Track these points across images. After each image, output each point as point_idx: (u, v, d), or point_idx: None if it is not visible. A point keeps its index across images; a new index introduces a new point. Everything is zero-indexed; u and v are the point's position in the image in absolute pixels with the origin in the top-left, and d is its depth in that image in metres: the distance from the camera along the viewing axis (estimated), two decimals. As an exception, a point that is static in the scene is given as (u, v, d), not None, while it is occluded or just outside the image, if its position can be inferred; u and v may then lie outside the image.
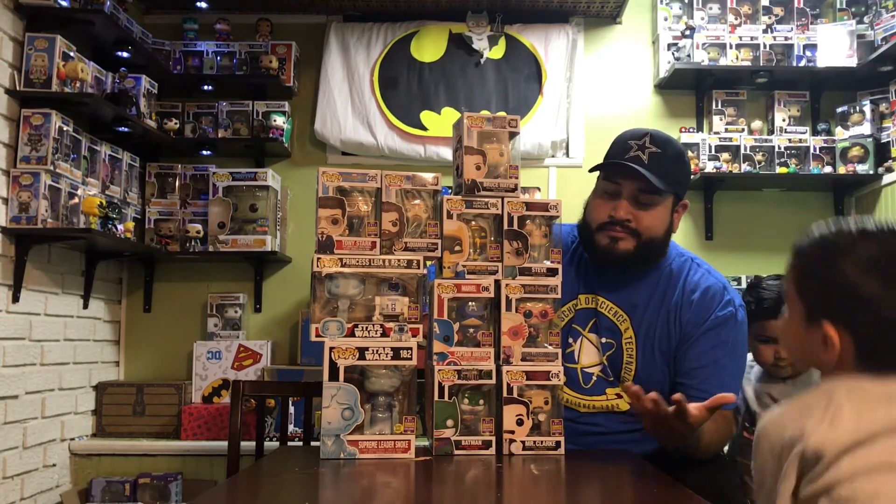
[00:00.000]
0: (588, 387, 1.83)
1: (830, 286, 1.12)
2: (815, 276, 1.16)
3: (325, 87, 3.39)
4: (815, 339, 1.13)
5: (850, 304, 1.10)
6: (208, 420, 2.93)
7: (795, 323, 1.18)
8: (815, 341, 1.13)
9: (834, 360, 1.11)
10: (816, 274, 1.15)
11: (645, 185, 1.74)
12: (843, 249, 1.13)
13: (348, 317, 1.60)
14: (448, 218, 1.65)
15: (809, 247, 1.18)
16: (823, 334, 1.11)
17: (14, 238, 2.48)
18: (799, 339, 1.18)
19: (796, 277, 1.19)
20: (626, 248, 1.77)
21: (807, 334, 1.15)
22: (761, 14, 3.35)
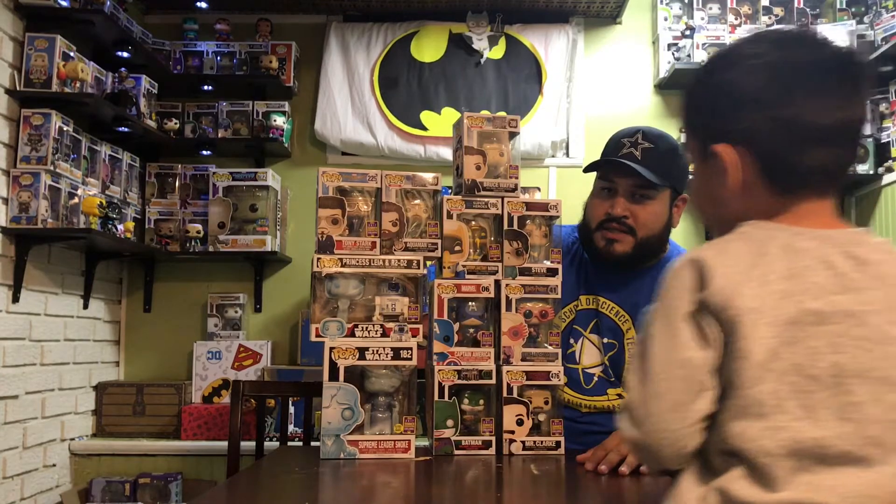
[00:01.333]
0: (589, 387, 1.83)
1: (716, 103, 0.96)
2: (702, 100, 1.00)
3: (325, 87, 3.39)
4: (717, 172, 0.96)
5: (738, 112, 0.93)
6: (208, 420, 2.93)
7: (697, 171, 1.02)
8: (716, 176, 0.96)
9: (738, 186, 0.94)
10: (703, 97, 1.00)
11: (639, 181, 1.75)
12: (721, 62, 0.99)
13: (348, 317, 1.60)
14: (448, 218, 1.65)
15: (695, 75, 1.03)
16: (719, 160, 0.94)
17: (14, 238, 2.48)
18: (703, 184, 1.01)
19: (687, 113, 1.04)
20: (623, 251, 1.77)
21: (708, 173, 0.98)
22: (761, 14, 3.35)
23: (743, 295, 0.85)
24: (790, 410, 0.84)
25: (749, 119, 0.93)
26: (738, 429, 0.85)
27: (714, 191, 0.98)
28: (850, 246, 0.90)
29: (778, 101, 0.91)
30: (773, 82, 0.92)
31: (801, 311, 0.85)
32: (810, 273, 0.87)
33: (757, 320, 0.85)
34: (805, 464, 0.83)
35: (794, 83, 0.92)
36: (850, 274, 0.88)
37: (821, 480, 0.82)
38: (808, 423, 0.83)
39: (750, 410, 0.85)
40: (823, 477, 0.83)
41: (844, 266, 0.88)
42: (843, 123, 0.92)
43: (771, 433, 0.84)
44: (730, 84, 0.95)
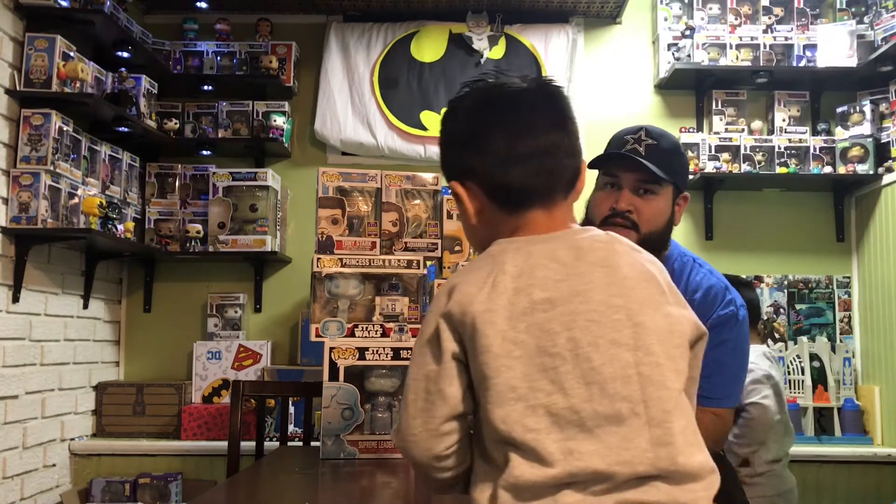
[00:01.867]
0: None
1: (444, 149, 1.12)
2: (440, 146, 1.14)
3: (325, 87, 3.38)
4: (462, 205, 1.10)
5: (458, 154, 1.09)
6: (208, 420, 2.93)
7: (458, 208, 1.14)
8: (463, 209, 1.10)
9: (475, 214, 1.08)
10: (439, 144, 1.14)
11: (644, 175, 1.75)
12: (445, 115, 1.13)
13: (348, 317, 1.60)
14: (448, 218, 1.65)
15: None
16: (456, 196, 1.09)
17: (14, 238, 2.48)
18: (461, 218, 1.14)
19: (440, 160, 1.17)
20: None
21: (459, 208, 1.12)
22: (761, 14, 3.35)
23: (476, 301, 0.97)
24: (543, 388, 0.94)
25: (463, 158, 1.08)
26: (502, 414, 0.94)
27: (464, 222, 1.12)
28: (573, 241, 1.04)
29: (477, 139, 1.06)
30: (473, 125, 1.07)
31: (532, 301, 0.97)
32: (538, 269, 1.00)
33: (492, 318, 0.96)
34: (569, 433, 0.93)
35: (487, 123, 1.06)
36: (573, 263, 1.01)
37: (586, 447, 0.93)
38: (560, 395, 0.94)
39: (507, 396, 0.94)
40: (587, 444, 0.93)
41: (567, 257, 1.01)
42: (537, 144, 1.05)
43: (531, 411, 0.93)
44: (446, 133, 1.12)
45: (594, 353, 0.95)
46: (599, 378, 0.94)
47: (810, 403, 2.97)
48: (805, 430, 2.96)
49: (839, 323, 3.28)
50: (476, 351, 0.96)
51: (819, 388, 3.02)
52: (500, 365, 0.94)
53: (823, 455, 2.85)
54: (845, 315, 3.28)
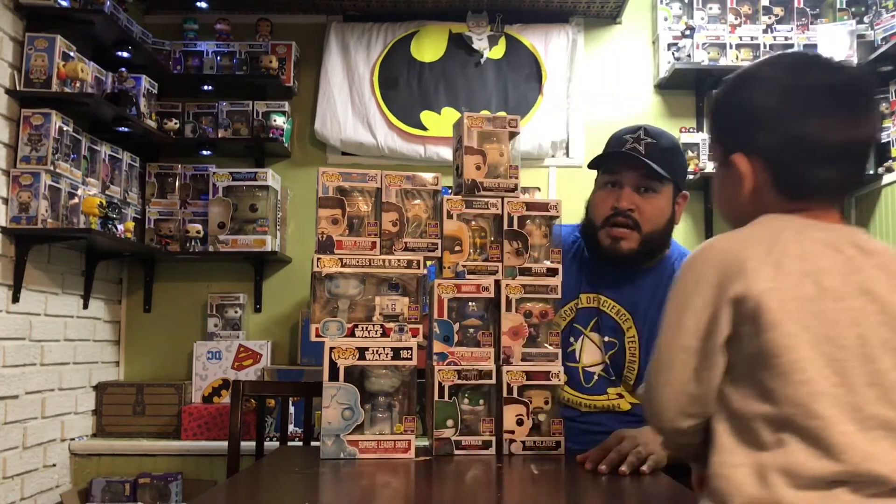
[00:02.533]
0: (589, 386, 1.83)
1: (735, 118, 1.07)
2: (724, 114, 1.11)
3: (325, 87, 3.38)
4: (733, 178, 1.07)
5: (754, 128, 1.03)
6: (208, 420, 2.93)
7: (718, 175, 1.13)
8: (733, 182, 1.07)
9: (750, 191, 1.04)
10: (724, 112, 1.11)
11: (646, 172, 1.75)
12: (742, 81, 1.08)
13: (348, 317, 1.60)
14: (448, 218, 1.65)
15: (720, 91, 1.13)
16: (735, 169, 1.05)
17: (14, 238, 2.48)
18: (722, 186, 1.11)
19: (711, 124, 1.15)
20: (629, 248, 1.77)
21: (727, 178, 1.09)
22: (761, 14, 3.35)
23: (761, 278, 0.93)
24: (829, 377, 0.91)
25: (763, 135, 1.02)
26: (788, 394, 0.91)
27: (731, 194, 1.08)
28: (852, 237, 0.99)
29: (789, 120, 1.01)
30: (786, 103, 1.02)
31: (821, 288, 0.93)
32: (822, 258, 0.96)
33: (780, 297, 0.92)
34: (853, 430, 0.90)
35: (804, 105, 1.01)
36: (857, 258, 0.97)
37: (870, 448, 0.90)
38: (845, 389, 0.91)
39: (794, 377, 0.92)
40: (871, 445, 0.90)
41: (851, 252, 0.97)
42: (851, 142, 1.02)
43: (816, 398, 0.91)
44: (748, 103, 1.05)
45: (882, 355, 0.93)
46: (885, 382, 0.92)
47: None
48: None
49: (839, 323, 3.28)
50: (761, 328, 0.92)
51: (819, 388, 3.02)
52: (788, 344, 0.92)
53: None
54: (845, 315, 3.28)
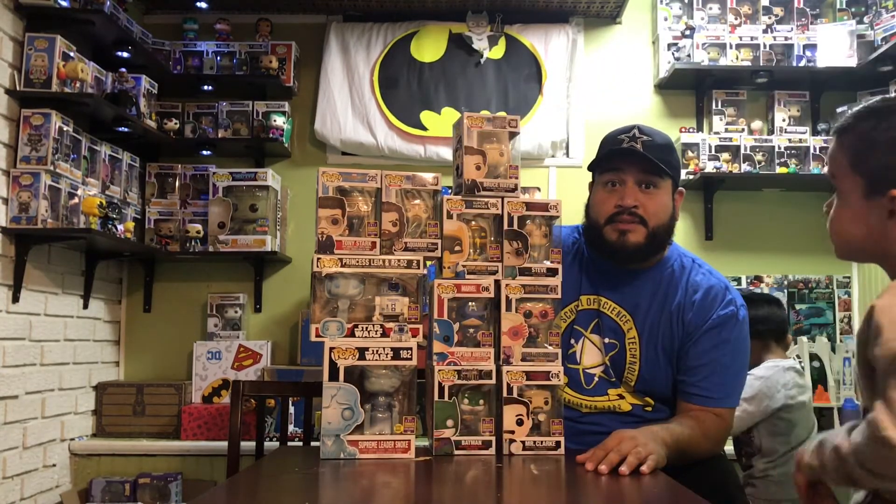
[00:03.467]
0: (590, 387, 1.83)
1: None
2: (879, 144, 1.15)
3: (325, 87, 3.38)
4: (881, 212, 1.14)
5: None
6: (208, 420, 2.93)
7: (852, 204, 1.19)
8: (880, 215, 1.14)
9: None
10: (881, 141, 1.14)
11: (647, 167, 1.76)
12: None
13: (348, 317, 1.60)
14: (448, 218, 1.65)
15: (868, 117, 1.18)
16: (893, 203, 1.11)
17: (14, 238, 2.48)
18: (858, 219, 1.18)
19: (853, 152, 1.19)
20: (636, 241, 1.77)
21: (869, 210, 1.16)
22: (761, 14, 3.35)
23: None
24: None
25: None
26: None
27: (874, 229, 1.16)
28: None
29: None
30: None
31: None
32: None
33: None
34: None
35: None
36: None
37: None
38: None
39: None
40: None
41: None
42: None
43: None
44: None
45: None
46: None
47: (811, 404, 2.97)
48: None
49: (839, 323, 3.28)
50: None
51: (819, 388, 3.02)
52: None
53: (823, 455, 2.86)
54: (845, 315, 3.28)
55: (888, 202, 1.14)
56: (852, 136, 1.21)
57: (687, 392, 1.78)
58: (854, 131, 1.21)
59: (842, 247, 1.27)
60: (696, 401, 1.76)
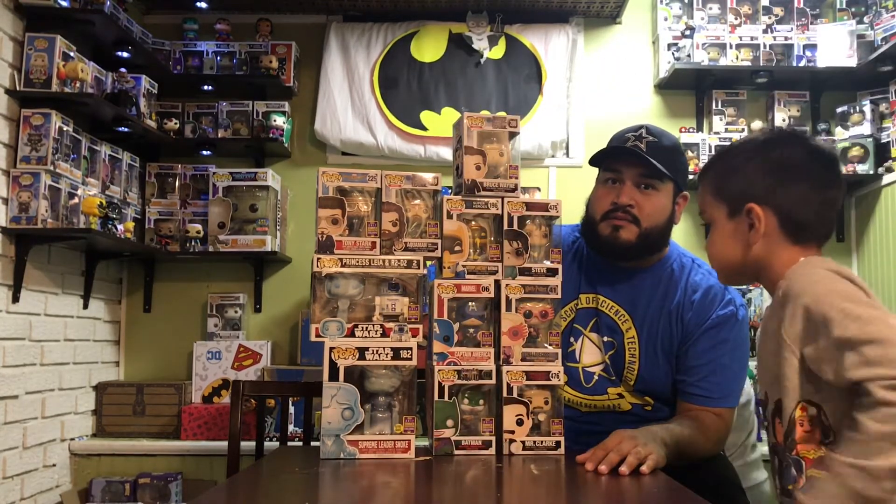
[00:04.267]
0: (589, 386, 1.83)
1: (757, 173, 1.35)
2: (731, 172, 1.39)
3: (325, 87, 3.38)
4: (742, 227, 1.36)
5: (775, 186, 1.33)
6: (208, 420, 2.93)
7: (720, 227, 1.40)
8: (741, 230, 1.36)
9: (760, 234, 1.33)
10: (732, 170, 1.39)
11: (646, 170, 1.76)
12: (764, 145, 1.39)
13: (348, 317, 1.60)
14: (448, 218, 1.65)
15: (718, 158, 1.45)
16: (751, 217, 1.34)
17: (14, 238, 2.48)
18: (727, 239, 1.39)
19: (713, 185, 1.42)
20: (627, 238, 1.78)
21: (735, 228, 1.37)
22: (761, 14, 3.35)
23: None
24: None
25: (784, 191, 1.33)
26: None
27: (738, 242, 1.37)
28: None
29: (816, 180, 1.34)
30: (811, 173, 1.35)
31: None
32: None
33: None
34: None
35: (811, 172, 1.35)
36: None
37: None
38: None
39: None
40: None
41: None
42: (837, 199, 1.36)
43: None
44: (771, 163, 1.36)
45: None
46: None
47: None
48: (805, 430, 2.96)
49: (839, 323, 3.27)
50: None
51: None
52: None
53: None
54: (845, 315, 3.28)
55: (746, 216, 1.35)
56: (709, 174, 1.44)
57: (687, 392, 1.78)
58: (707, 174, 1.44)
59: (722, 270, 1.44)
60: (695, 401, 1.76)
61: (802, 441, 1.23)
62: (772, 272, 1.35)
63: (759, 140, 1.41)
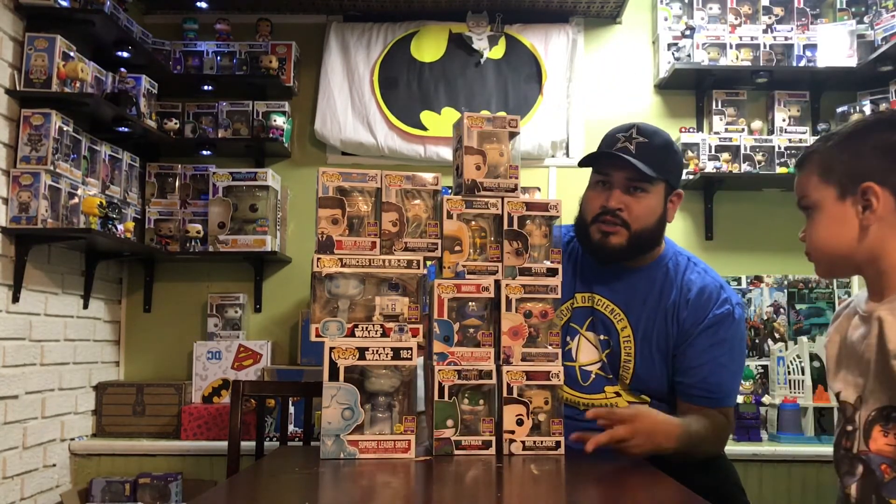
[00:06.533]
0: (587, 385, 1.83)
1: (871, 153, 1.28)
2: (841, 154, 1.30)
3: (325, 87, 3.38)
4: (854, 210, 1.28)
5: (892, 166, 1.26)
6: (208, 420, 2.93)
7: (827, 210, 1.31)
8: (853, 213, 1.28)
9: (877, 216, 1.25)
10: (841, 152, 1.30)
11: (634, 174, 1.76)
12: (875, 127, 1.33)
13: (348, 317, 1.60)
14: (448, 218, 1.65)
15: (820, 144, 1.36)
16: (865, 196, 1.26)
17: (14, 238, 2.48)
18: (836, 223, 1.30)
19: (820, 168, 1.33)
20: (618, 243, 1.78)
21: (845, 211, 1.29)
22: (761, 14, 3.35)
23: None
24: None
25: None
26: None
27: (850, 225, 1.28)
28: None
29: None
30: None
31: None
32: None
33: None
34: None
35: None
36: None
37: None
38: None
39: None
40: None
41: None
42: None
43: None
44: (883, 142, 1.29)
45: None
46: None
47: (810, 403, 2.97)
48: (805, 430, 2.95)
49: (839, 323, 3.28)
50: None
51: (819, 388, 3.02)
52: None
53: (824, 455, 2.85)
54: (845, 315, 3.28)
55: (861, 196, 1.27)
56: (813, 159, 1.35)
57: (687, 393, 1.78)
58: (812, 157, 1.35)
59: (826, 259, 1.35)
60: (697, 401, 1.77)
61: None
62: (885, 261, 1.29)
63: (869, 122, 1.37)
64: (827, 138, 1.37)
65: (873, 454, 1.25)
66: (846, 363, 1.35)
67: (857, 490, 1.27)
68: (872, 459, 1.25)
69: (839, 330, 1.40)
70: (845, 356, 1.36)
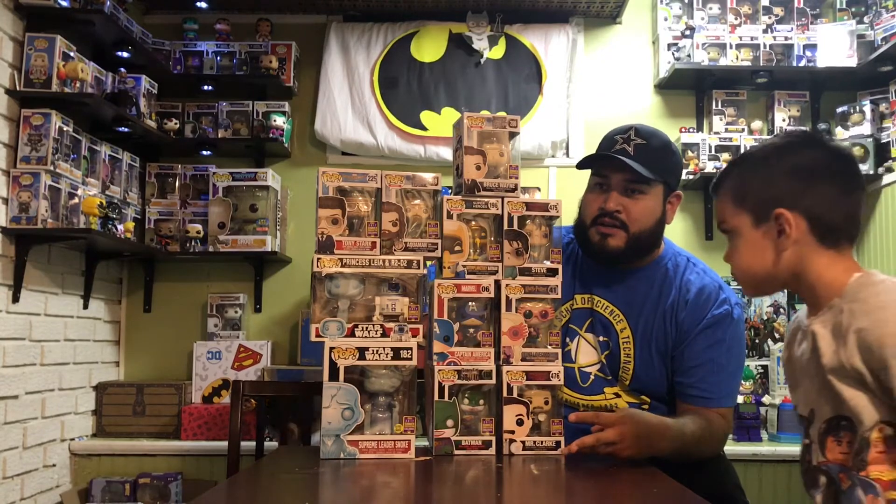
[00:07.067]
0: (586, 386, 1.83)
1: (781, 178, 1.31)
2: (752, 180, 1.34)
3: (325, 87, 3.38)
4: (770, 235, 1.31)
5: (802, 189, 1.30)
6: (208, 420, 2.93)
7: (745, 236, 1.34)
8: (769, 238, 1.31)
9: (792, 240, 1.29)
10: (752, 178, 1.34)
11: (632, 176, 1.76)
12: (785, 149, 1.35)
13: (348, 317, 1.60)
14: (448, 218, 1.65)
15: (733, 167, 1.40)
16: (779, 222, 1.30)
17: (14, 238, 2.48)
18: (754, 248, 1.34)
19: (733, 194, 1.36)
20: (616, 245, 1.79)
21: (762, 237, 1.32)
22: (761, 14, 3.35)
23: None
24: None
25: (812, 196, 1.30)
26: None
27: (766, 249, 1.32)
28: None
29: (842, 182, 1.31)
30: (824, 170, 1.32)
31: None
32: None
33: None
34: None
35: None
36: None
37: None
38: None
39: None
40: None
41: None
42: (861, 199, 1.34)
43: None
44: (799, 165, 1.32)
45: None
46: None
47: (810, 403, 2.98)
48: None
49: (839, 323, 3.28)
50: None
51: (819, 388, 3.02)
52: None
53: (823, 455, 2.86)
54: (845, 315, 3.28)
55: (775, 222, 1.30)
56: (727, 183, 1.39)
57: (686, 393, 1.78)
58: (727, 180, 1.39)
59: (749, 282, 1.38)
60: (695, 402, 1.77)
61: (876, 462, 1.19)
62: (808, 278, 1.31)
63: (777, 144, 1.37)
64: (737, 161, 1.41)
65: (832, 464, 1.27)
66: (798, 378, 1.38)
67: (822, 501, 1.30)
68: (832, 469, 1.27)
69: (788, 345, 1.44)
70: (797, 371, 1.38)
